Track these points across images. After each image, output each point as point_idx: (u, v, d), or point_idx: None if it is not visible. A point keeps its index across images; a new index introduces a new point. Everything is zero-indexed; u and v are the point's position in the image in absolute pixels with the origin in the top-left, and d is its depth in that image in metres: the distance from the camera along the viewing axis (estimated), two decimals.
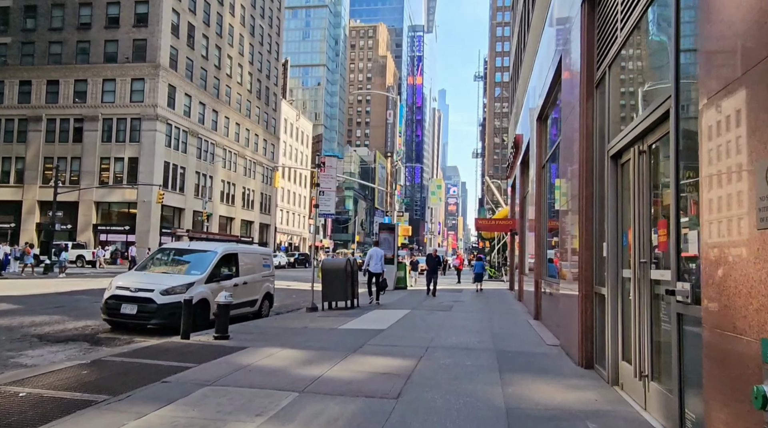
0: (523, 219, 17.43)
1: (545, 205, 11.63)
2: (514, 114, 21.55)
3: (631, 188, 4.68)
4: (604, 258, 6.02)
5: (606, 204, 5.80)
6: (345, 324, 10.55)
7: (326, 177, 13.55)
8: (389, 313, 12.69)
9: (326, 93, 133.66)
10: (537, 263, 11.85)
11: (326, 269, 13.61)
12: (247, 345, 7.59)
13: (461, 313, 13.04)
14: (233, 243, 10.86)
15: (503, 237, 39.70)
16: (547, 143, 11.68)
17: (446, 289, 23.35)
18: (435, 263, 18.59)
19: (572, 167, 7.19)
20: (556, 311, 8.94)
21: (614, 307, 5.51)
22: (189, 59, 50.09)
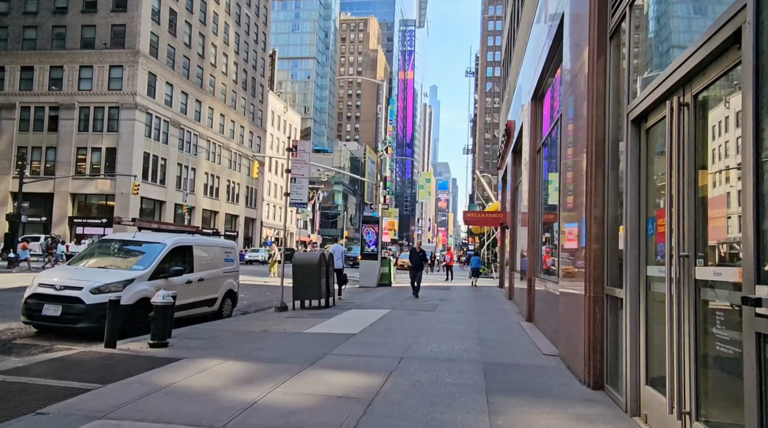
0: (514, 211, 16.22)
1: (539, 194, 10.41)
2: (506, 101, 20.32)
3: (670, 156, 3.43)
4: (620, 252, 4.78)
5: (623, 184, 4.55)
6: (313, 326, 9.26)
7: (299, 162, 12.22)
8: (366, 313, 11.41)
9: (316, 86, 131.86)
10: (530, 259, 10.63)
11: (297, 264, 12.30)
12: (183, 356, 6.28)
13: (446, 314, 11.79)
14: (187, 235, 9.46)
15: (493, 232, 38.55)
16: (542, 125, 10.44)
17: (433, 286, 22.12)
18: (419, 259, 16.57)
19: (576, 144, 5.94)
20: (553, 313, 7.71)
21: (635, 314, 4.27)
22: (170, 47, 48.33)
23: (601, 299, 5.10)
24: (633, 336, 4.27)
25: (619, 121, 5.03)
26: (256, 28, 68.05)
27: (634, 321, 4.27)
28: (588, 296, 5.20)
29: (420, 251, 16.97)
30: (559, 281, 7.18)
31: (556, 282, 7.63)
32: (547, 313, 8.48)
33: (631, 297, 4.30)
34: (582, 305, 5.36)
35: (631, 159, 4.38)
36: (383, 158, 21.68)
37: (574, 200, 5.97)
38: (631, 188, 4.36)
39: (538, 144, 10.52)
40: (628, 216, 4.37)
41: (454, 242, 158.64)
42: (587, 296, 5.22)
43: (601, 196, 5.17)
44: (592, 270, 5.16)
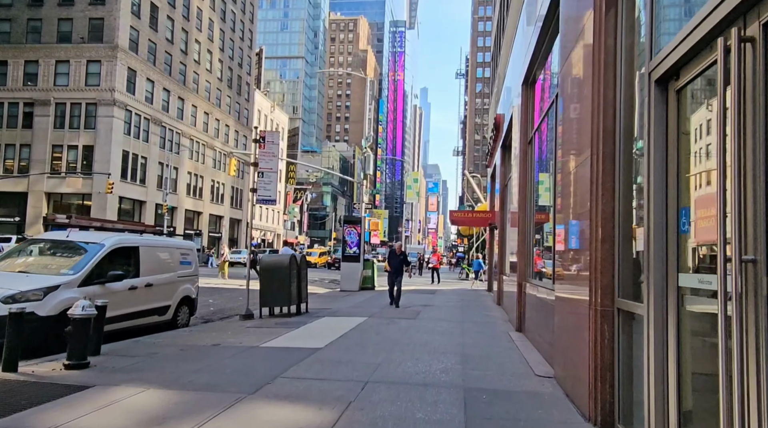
0: (503, 211, 15.18)
1: (530, 190, 9.36)
2: (494, 94, 19.30)
3: (723, 118, 2.36)
4: (637, 256, 3.71)
5: (643, 167, 3.47)
6: (273, 339, 8.12)
7: (266, 155, 11.07)
8: (339, 322, 10.28)
9: (305, 86, 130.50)
10: (520, 262, 9.57)
11: (264, 267, 11.14)
12: (97, 382, 5.12)
13: (428, 322, 10.69)
14: (133, 234, 8.24)
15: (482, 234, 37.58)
16: (534, 112, 9.39)
17: (419, 290, 21.05)
18: (399, 262, 14.06)
19: (578, 123, 4.87)
20: (547, 324, 6.65)
21: (661, 336, 3.20)
22: (151, 42, 46.90)
23: (610, 314, 4.02)
24: (659, 364, 3.19)
25: (632, 88, 3.97)
26: (242, 25, 66.71)
27: (660, 344, 3.20)
28: (594, 310, 4.13)
29: (401, 253, 14.36)
30: (554, 288, 6.12)
31: (551, 289, 6.57)
32: (540, 323, 7.42)
33: (655, 314, 3.22)
34: (585, 319, 4.29)
35: (656, 132, 3.30)
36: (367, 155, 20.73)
37: (575, 192, 4.90)
38: (655, 170, 3.28)
39: (529, 134, 9.47)
40: (651, 208, 3.30)
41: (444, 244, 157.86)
42: (593, 310, 4.14)
43: (610, 185, 4.10)
44: (599, 278, 4.08)
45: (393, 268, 14.00)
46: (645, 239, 3.37)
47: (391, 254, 14.47)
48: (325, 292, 19.69)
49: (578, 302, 4.60)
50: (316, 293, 19.28)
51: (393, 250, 14.64)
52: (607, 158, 4.10)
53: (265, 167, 11.03)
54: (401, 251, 14.57)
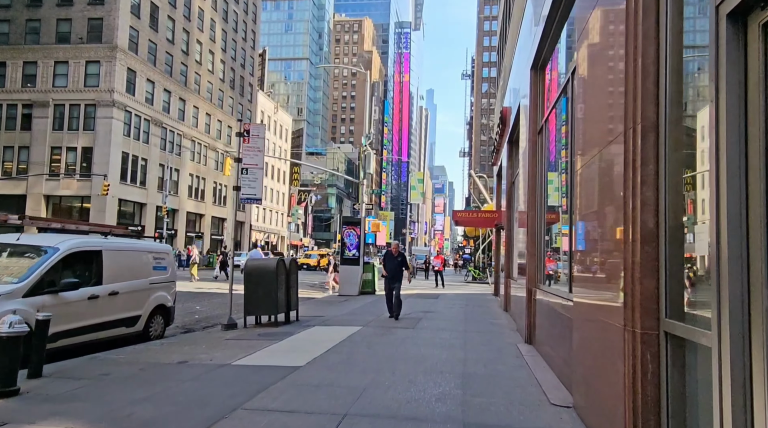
0: (510, 211, 14.16)
1: (540, 185, 8.36)
2: (500, 87, 18.29)
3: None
4: (696, 261, 2.73)
5: (714, 135, 2.48)
6: (250, 354, 7.17)
7: (251, 150, 10.15)
8: (329, 333, 9.32)
9: (309, 88, 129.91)
10: (530, 265, 8.57)
11: (249, 271, 10.21)
12: (11, 419, 4.20)
13: (428, 332, 9.70)
14: (94, 237, 7.29)
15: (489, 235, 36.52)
16: (544, 99, 8.41)
17: (421, 294, 20.05)
18: (397, 265, 11.79)
19: (605, 89, 3.89)
20: (563, 338, 5.68)
21: (740, 376, 2.21)
22: (152, 42, 46.24)
23: (654, 339, 3.04)
24: (739, 416, 2.21)
25: (680, 39, 2.98)
26: (245, 26, 66.05)
27: (741, 388, 2.21)
28: (631, 333, 3.14)
29: (398, 255, 11.96)
30: (572, 297, 5.15)
31: (567, 298, 5.58)
32: (554, 335, 6.43)
33: (733, 345, 2.24)
34: (618, 342, 3.31)
35: (728, 89, 2.32)
36: (367, 153, 19.82)
37: (602, 179, 3.91)
38: (729, 138, 2.30)
39: (539, 123, 8.48)
40: (723, 194, 2.31)
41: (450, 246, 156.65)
42: (629, 332, 3.16)
43: (652, 167, 3.11)
44: (638, 291, 3.10)
45: (389, 272, 11.78)
46: (713, 238, 2.39)
47: (387, 256, 12.13)
48: (323, 297, 18.77)
49: (607, 319, 3.62)
50: (313, 297, 18.36)
51: (389, 251, 12.27)
52: (648, 132, 3.11)
53: (249, 163, 10.10)
54: (399, 251, 12.18)
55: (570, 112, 5.72)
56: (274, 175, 78.16)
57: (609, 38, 3.81)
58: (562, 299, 5.86)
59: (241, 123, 10.20)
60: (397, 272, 11.81)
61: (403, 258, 12.13)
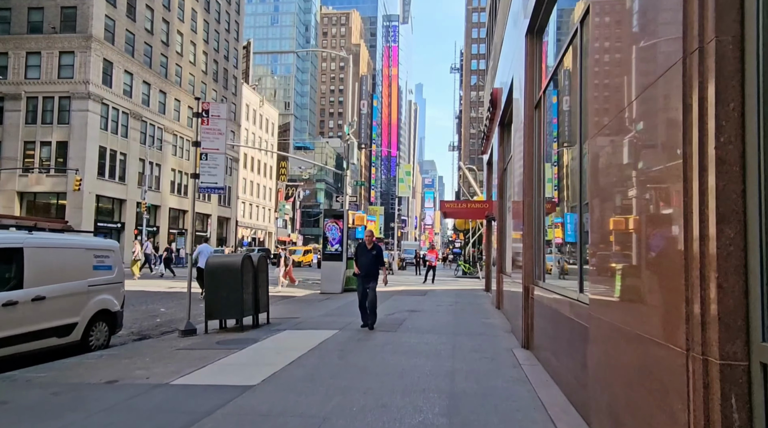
0: (502, 200, 13.09)
1: (538, 168, 7.27)
2: (490, 68, 17.17)
3: None
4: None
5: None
6: (198, 369, 6.02)
7: (211, 133, 8.95)
8: (300, 339, 8.19)
9: (296, 82, 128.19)
10: (526, 260, 7.48)
11: (211, 269, 9.04)
12: None
13: (411, 336, 8.60)
14: (19, 232, 6.04)
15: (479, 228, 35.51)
16: (542, 68, 7.31)
17: (409, 291, 18.98)
18: (372, 260, 9.38)
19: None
20: (573, 348, 4.60)
21: None
22: (129, 32, 44.56)
23: (742, 373, 1.94)
24: None
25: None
26: (228, 17, 64.34)
27: None
28: (701, 361, 2.05)
29: (373, 247, 9.45)
30: (585, 298, 4.07)
31: (578, 301, 4.50)
32: (558, 342, 5.36)
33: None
34: (675, 374, 2.21)
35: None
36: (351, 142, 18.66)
37: (645, 132, 2.79)
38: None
39: (536, 96, 7.37)
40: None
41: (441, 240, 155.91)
42: (697, 360, 2.07)
43: (735, 104, 2.00)
44: (714, 297, 2.00)
45: (363, 269, 9.36)
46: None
47: (360, 250, 9.53)
48: (305, 295, 17.63)
49: (652, 335, 2.52)
50: (293, 296, 17.23)
51: (362, 243, 9.60)
52: (726, 52, 2.00)
53: (209, 148, 8.91)
54: (374, 242, 9.51)
55: (581, 65, 4.61)
56: (260, 170, 76.71)
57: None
58: (570, 301, 4.78)
59: (199, 101, 8.97)
60: (373, 268, 9.38)
61: (379, 252, 9.55)
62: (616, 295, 3.18)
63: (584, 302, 4.28)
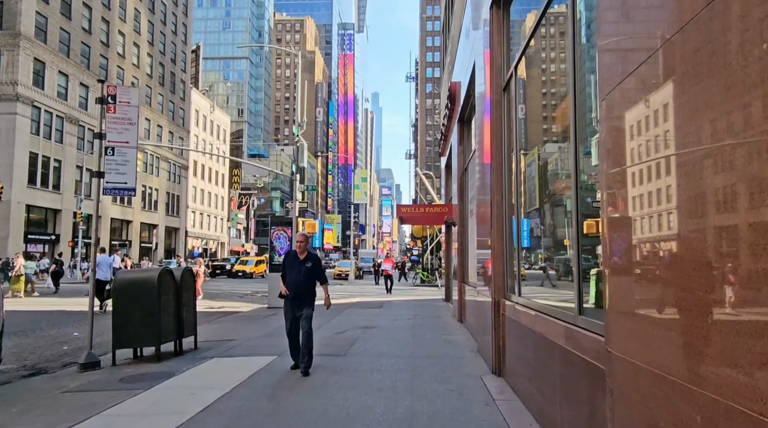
0: (463, 203, 12.02)
1: (509, 158, 6.16)
2: (447, 64, 16.18)
3: None
4: None
5: None
6: (72, 427, 4.54)
7: (119, 122, 7.44)
8: (227, 370, 6.76)
9: (250, 88, 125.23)
10: (496, 269, 6.33)
11: (121, 287, 7.48)
12: None
13: (363, 362, 7.30)
14: None
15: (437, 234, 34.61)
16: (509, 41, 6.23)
17: (365, 303, 17.69)
18: (305, 275, 6.71)
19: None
20: (576, 396, 3.43)
21: None
22: (64, 31, 41.67)
23: None
24: None
25: None
26: (175, 18, 61.69)
27: None
28: None
29: (306, 258, 6.78)
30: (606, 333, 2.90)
31: (584, 330, 3.33)
32: (545, 377, 4.20)
33: None
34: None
35: None
36: (300, 145, 17.24)
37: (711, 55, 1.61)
38: None
39: (504, 76, 6.27)
40: None
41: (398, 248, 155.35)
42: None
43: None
44: None
45: (292, 287, 6.65)
46: None
47: (288, 261, 6.81)
48: (250, 310, 16.07)
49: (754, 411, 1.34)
50: (238, 311, 15.66)
51: (291, 252, 6.88)
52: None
53: (117, 141, 7.38)
54: (307, 249, 6.85)
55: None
56: (212, 177, 73.84)
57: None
58: (565, 324, 3.62)
59: (104, 84, 7.44)
60: (307, 288, 6.68)
61: (316, 264, 6.79)
62: (675, 337, 1.99)
63: (591, 330, 3.11)
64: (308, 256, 6.80)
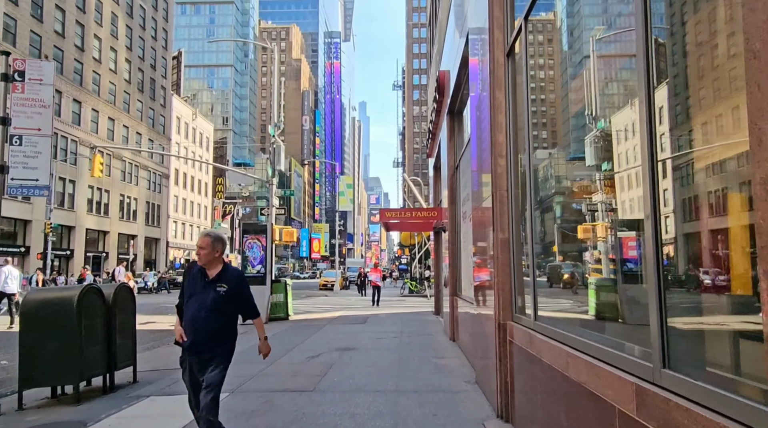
0: (455, 206, 10.64)
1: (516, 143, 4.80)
2: (435, 53, 14.88)
3: None
4: None
5: None
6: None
7: (27, 104, 5.98)
8: (159, 415, 5.29)
9: (235, 96, 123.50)
10: (502, 284, 4.94)
11: (31, 310, 5.97)
12: None
13: (334, 401, 5.86)
14: None
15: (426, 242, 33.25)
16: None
17: (349, 317, 16.22)
18: (212, 305, 3.84)
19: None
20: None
21: None
22: (35, 34, 39.95)
23: None
24: None
25: None
26: (155, 23, 60.05)
27: None
28: None
29: (220, 275, 3.97)
30: None
31: (671, 394, 1.90)
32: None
33: None
34: None
35: None
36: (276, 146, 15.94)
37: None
38: None
39: (508, 39, 4.92)
40: None
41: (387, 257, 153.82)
42: None
43: None
44: None
45: (191, 326, 3.87)
46: None
47: (190, 281, 4.02)
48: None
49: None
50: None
51: (192, 268, 4.14)
52: None
53: (24, 128, 5.92)
54: (222, 262, 4.08)
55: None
56: (194, 186, 71.97)
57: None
58: (634, 380, 2.24)
59: (7, 58, 5.98)
60: (214, 329, 3.90)
61: (237, 287, 3.99)
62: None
63: (695, 400, 1.73)
64: (223, 274, 3.93)
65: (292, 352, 9.22)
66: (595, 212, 3.16)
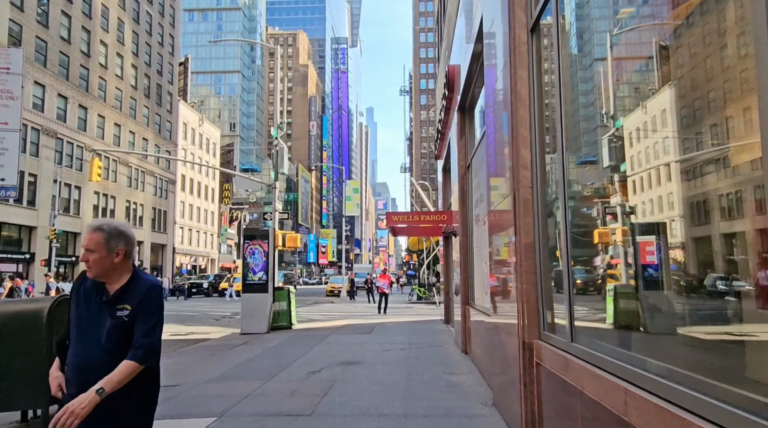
0: (466, 208, 9.94)
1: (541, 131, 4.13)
2: (444, 49, 14.23)
3: None
4: None
5: None
6: None
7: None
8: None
9: (242, 102, 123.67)
10: (525, 294, 4.24)
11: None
12: None
13: (336, 424, 5.17)
14: None
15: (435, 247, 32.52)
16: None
17: (354, 326, 15.53)
18: (109, 334, 2.40)
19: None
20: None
21: None
22: (41, 40, 39.81)
23: None
24: None
25: None
26: (161, 29, 59.99)
27: None
28: None
29: (121, 291, 2.48)
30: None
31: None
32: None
33: None
34: None
35: None
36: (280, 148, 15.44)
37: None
38: None
39: (532, 12, 4.26)
40: None
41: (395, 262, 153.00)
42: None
43: None
44: None
45: (73, 372, 2.43)
46: None
47: (80, 299, 2.52)
48: (222, 336, 13.91)
49: None
50: (207, 338, 13.52)
51: (83, 282, 2.55)
52: None
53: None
54: (132, 272, 2.56)
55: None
56: (201, 192, 71.71)
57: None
58: None
59: None
60: (108, 366, 2.37)
61: (143, 307, 2.49)
62: None
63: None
64: (128, 288, 2.52)
65: (292, 366, 8.55)
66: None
